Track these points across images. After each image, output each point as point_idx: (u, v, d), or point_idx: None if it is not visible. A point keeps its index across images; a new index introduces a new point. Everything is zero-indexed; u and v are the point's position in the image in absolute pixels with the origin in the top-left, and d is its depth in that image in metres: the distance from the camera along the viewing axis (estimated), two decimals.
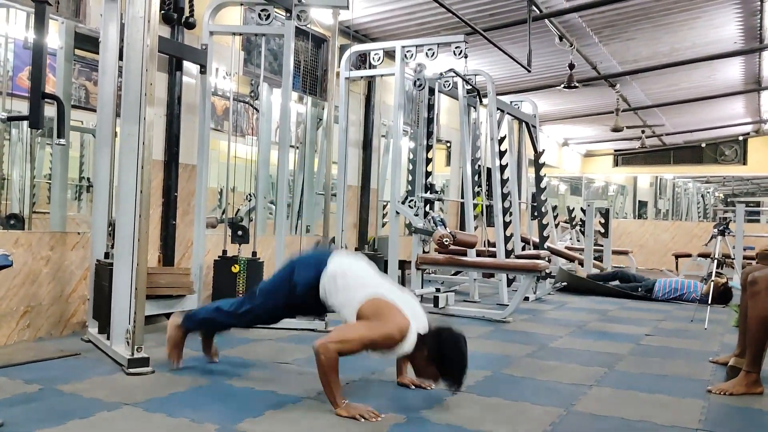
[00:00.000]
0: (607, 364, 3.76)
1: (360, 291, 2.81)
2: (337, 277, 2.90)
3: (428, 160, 6.40)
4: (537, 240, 7.84)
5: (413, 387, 3.09)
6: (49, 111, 3.59)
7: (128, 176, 3.38)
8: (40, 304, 3.86)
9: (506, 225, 6.78)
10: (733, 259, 8.32)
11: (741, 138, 14.25)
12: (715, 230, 6.86)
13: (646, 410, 2.85)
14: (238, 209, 5.17)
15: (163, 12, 4.54)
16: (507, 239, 6.71)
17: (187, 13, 4.72)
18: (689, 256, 10.20)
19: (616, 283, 7.69)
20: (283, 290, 3.04)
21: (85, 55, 4.38)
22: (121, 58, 3.71)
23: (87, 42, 4.12)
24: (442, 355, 2.73)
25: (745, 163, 14.53)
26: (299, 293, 2.98)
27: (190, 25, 4.74)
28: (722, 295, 6.39)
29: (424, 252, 5.86)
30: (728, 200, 18.86)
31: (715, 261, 6.10)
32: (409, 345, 2.70)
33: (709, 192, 18.74)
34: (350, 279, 2.88)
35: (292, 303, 3.07)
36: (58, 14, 4.03)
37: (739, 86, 10.02)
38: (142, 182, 3.22)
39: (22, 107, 3.80)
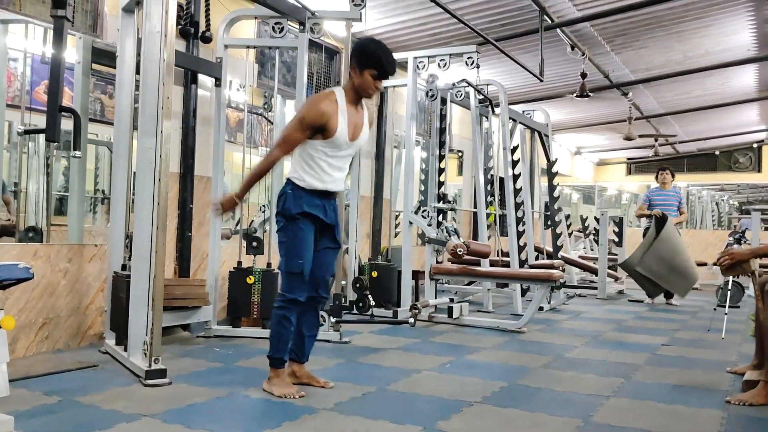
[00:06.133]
0: (623, 375, 3.74)
1: None
2: None
3: (441, 170, 6.41)
4: (550, 249, 7.81)
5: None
6: (65, 124, 3.65)
7: (145, 189, 3.42)
8: (58, 316, 3.90)
9: (519, 234, 6.76)
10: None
11: (755, 145, 14.17)
12: (731, 238, 6.78)
13: (664, 421, 2.83)
14: (253, 220, 5.19)
15: (179, 27, 4.58)
16: (520, 249, 6.70)
17: (203, 27, 4.77)
18: (704, 264, 10.10)
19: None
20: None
21: (100, 69, 4.43)
22: (137, 72, 3.75)
23: (104, 56, 4.18)
24: (363, 50, 2.94)
25: (759, 171, 14.44)
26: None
27: (207, 40, 4.79)
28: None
29: (437, 262, 5.86)
30: (743, 208, 18.70)
31: None
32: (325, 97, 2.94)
33: (723, 200, 18.59)
34: None
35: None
36: (76, 29, 4.09)
37: (753, 93, 9.97)
38: (159, 194, 3.25)
39: (39, 121, 3.85)
